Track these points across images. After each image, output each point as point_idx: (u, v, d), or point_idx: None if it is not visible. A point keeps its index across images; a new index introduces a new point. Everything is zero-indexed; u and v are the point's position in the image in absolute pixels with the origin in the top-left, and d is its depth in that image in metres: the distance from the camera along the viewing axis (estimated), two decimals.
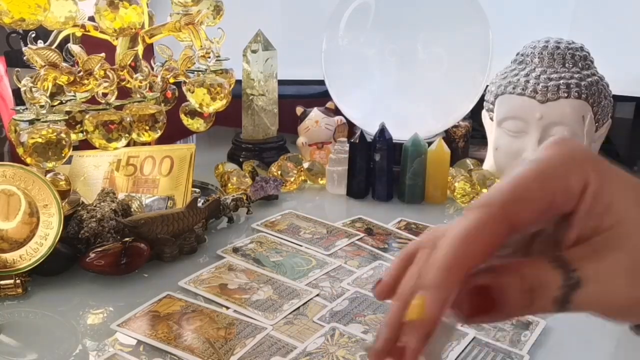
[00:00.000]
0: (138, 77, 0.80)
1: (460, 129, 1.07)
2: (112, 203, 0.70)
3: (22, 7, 0.64)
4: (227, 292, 0.63)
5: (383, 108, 0.95)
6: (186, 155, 0.79)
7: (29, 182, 0.63)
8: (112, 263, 0.65)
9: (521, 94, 0.87)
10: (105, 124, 0.75)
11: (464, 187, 0.90)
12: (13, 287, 0.62)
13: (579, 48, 0.88)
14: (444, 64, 0.92)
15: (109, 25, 0.73)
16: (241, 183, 0.92)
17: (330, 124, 1.04)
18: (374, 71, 0.95)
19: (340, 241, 0.76)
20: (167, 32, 0.83)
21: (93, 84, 0.75)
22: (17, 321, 0.58)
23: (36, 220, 0.64)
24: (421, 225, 0.82)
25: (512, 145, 0.89)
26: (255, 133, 1.07)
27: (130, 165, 0.80)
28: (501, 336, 0.55)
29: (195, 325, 0.56)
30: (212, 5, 0.87)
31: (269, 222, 0.82)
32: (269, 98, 1.07)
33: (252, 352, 0.53)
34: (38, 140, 0.65)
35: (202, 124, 0.90)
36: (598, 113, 0.87)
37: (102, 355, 0.52)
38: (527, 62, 0.90)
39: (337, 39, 0.97)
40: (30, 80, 0.69)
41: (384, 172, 0.91)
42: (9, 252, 0.63)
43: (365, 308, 0.60)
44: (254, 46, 1.04)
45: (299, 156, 1.00)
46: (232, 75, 0.87)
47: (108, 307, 0.61)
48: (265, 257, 0.71)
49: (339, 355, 0.52)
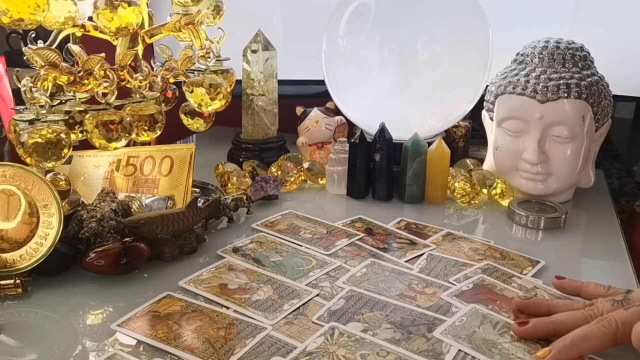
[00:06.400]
0: (138, 77, 0.80)
1: (460, 129, 1.07)
2: (112, 203, 0.70)
3: (21, 7, 0.64)
4: (227, 292, 0.63)
5: (383, 108, 0.95)
6: (186, 155, 0.79)
7: (29, 182, 0.63)
8: (112, 263, 0.65)
9: (521, 94, 0.87)
10: (105, 124, 0.75)
11: (464, 187, 0.90)
12: (13, 287, 0.62)
13: (579, 48, 0.88)
14: (444, 63, 0.92)
15: (107, 25, 0.73)
16: (241, 183, 0.92)
17: (330, 124, 1.04)
18: (374, 71, 0.95)
19: (340, 241, 0.76)
20: (167, 32, 0.83)
21: (93, 84, 0.75)
22: (17, 321, 0.58)
23: (36, 220, 0.64)
24: (421, 225, 0.82)
25: (512, 145, 0.89)
26: (255, 133, 1.07)
27: (130, 165, 0.80)
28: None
29: (195, 325, 0.56)
30: (212, 5, 0.87)
31: (269, 222, 0.82)
32: (269, 98, 1.07)
33: (252, 352, 0.53)
34: (38, 140, 0.65)
35: (202, 124, 0.90)
36: (598, 113, 0.87)
37: (102, 355, 0.52)
38: (527, 62, 0.90)
39: (337, 39, 0.97)
40: (30, 80, 0.69)
41: (384, 172, 0.91)
42: (9, 252, 0.63)
43: (362, 306, 0.60)
44: (254, 46, 1.04)
45: (299, 156, 1.00)
46: (232, 75, 0.88)
47: (108, 307, 0.61)
48: (265, 257, 0.71)
49: (339, 355, 0.52)
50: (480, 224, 0.86)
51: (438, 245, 0.76)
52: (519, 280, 0.67)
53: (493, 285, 0.66)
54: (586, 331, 0.53)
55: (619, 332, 0.52)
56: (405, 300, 0.62)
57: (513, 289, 0.65)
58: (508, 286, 0.66)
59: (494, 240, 0.78)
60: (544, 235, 0.82)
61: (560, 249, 0.78)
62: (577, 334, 0.53)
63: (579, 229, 0.84)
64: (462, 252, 0.74)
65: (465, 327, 0.57)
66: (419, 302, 0.62)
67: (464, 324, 0.58)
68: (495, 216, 0.88)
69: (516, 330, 0.56)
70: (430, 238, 0.78)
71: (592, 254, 0.78)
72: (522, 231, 0.83)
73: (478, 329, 0.57)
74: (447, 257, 0.72)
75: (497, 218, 0.87)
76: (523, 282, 0.67)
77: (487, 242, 0.77)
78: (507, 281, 0.67)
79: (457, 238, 0.78)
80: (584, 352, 0.52)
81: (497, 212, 0.89)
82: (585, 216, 0.89)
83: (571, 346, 0.52)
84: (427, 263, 0.71)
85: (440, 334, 0.55)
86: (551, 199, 0.89)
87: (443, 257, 0.72)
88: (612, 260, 0.75)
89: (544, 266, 0.71)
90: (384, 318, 0.58)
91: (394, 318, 0.58)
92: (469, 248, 0.75)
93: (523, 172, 0.88)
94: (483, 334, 0.56)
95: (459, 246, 0.76)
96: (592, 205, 0.92)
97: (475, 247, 0.75)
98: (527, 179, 0.89)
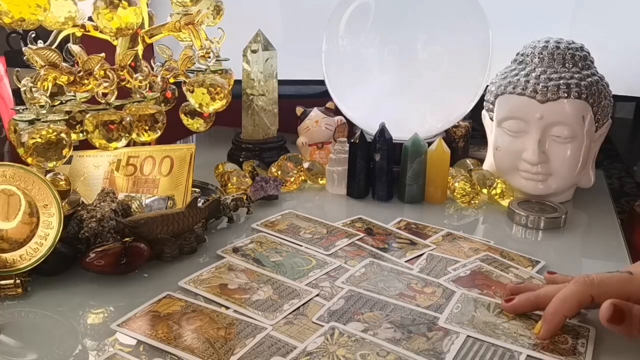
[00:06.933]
0: (138, 77, 0.80)
1: (460, 129, 1.07)
2: (112, 203, 0.70)
3: (22, 7, 0.64)
4: (227, 292, 0.63)
5: (383, 108, 0.95)
6: (186, 155, 0.79)
7: (29, 182, 0.63)
8: (112, 263, 0.65)
9: (521, 94, 0.87)
10: (105, 124, 0.75)
11: (464, 187, 0.90)
12: (13, 287, 0.62)
13: (579, 48, 0.88)
14: (444, 64, 0.92)
15: (107, 25, 0.73)
16: (241, 183, 0.92)
17: (330, 124, 1.04)
18: (374, 71, 0.95)
19: (340, 241, 0.76)
20: (167, 32, 0.83)
21: (93, 84, 0.75)
22: (17, 321, 0.58)
23: (36, 220, 0.64)
24: (421, 225, 0.82)
25: (512, 145, 0.89)
26: (255, 133, 1.07)
27: (130, 165, 0.80)
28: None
29: (195, 325, 0.56)
30: (212, 5, 0.87)
31: (269, 222, 0.82)
32: (269, 98, 1.07)
33: (252, 352, 0.53)
34: (38, 140, 0.65)
35: (202, 124, 0.90)
36: (598, 113, 0.87)
37: (102, 355, 0.52)
38: (527, 62, 0.90)
39: (337, 39, 0.97)
40: (30, 80, 0.69)
41: (384, 172, 0.91)
42: (9, 252, 0.63)
43: (362, 306, 0.60)
44: (254, 46, 1.04)
45: (299, 156, 1.00)
46: (231, 76, 0.87)
47: (108, 307, 0.61)
48: (265, 257, 0.71)
49: (339, 355, 0.52)
50: (480, 224, 0.86)
51: (438, 245, 0.76)
52: (515, 270, 0.69)
53: (489, 272, 0.68)
54: (565, 292, 0.55)
55: (595, 289, 0.54)
56: (404, 299, 0.62)
57: (509, 277, 0.67)
58: (505, 274, 0.68)
59: (494, 240, 0.78)
60: (544, 235, 0.82)
61: (560, 249, 0.78)
62: (557, 298, 0.55)
63: (579, 229, 0.84)
64: (462, 252, 0.74)
65: (463, 313, 0.59)
66: (419, 301, 0.62)
67: (460, 310, 0.59)
68: (495, 216, 0.88)
69: (504, 306, 0.60)
70: (430, 238, 0.78)
71: (592, 254, 0.78)
72: (522, 231, 0.83)
73: (475, 313, 0.59)
74: (447, 257, 0.72)
75: (497, 218, 0.87)
76: (520, 272, 0.69)
77: (487, 242, 0.77)
78: (505, 270, 0.69)
79: (457, 238, 0.78)
80: (568, 313, 0.55)
81: (497, 212, 0.89)
82: (585, 216, 0.89)
83: (555, 312, 0.55)
84: (427, 263, 0.71)
85: (444, 323, 0.57)
86: (551, 199, 0.89)
87: (443, 257, 0.72)
88: (612, 260, 0.75)
89: (544, 266, 0.71)
90: (384, 318, 0.58)
91: (394, 318, 0.58)
92: (469, 248, 0.75)
93: (523, 172, 0.88)
94: (482, 317, 0.58)
95: (459, 246, 0.76)
96: (592, 205, 0.92)
97: (475, 247, 0.75)
98: (527, 179, 0.89)
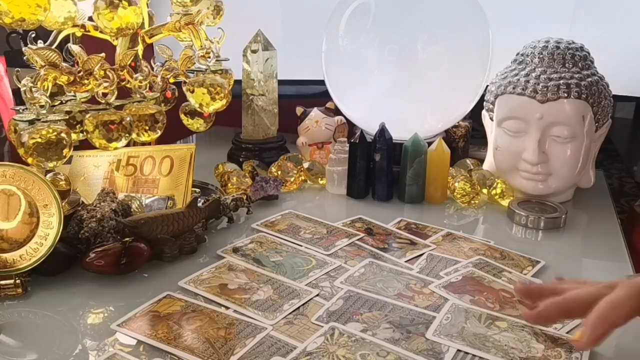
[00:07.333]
0: (138, 77, 0.80)
1: (460, 129, 1.07)
2: (112, 203, 0.70)
3: (22, 7, 0.64)
4: (227, 292, 0.63)
5: (383, 108, 0.95)
6: (186, 155, 0.79)
7: (29, 182, 0.63)
8: (112, 263, 0.65)
9: (521, 94, 0.87)
10: (105, 124, 0.75)
11: (464, 187, 0.90)
12: (13, 287, 0.62)
13: (579, 48, 0.88)
14: (444, 64, 0.92)
15: (107, 25, 0.73)
16: (241, 183, 0.92)
17: (330, 124, 1.04)
18: (374, 71, 0.95)
19: (340, 241, 0.76)
20: (167, 32, 0.83)
21: (93, 84, 0.76)
22: (17, 321, 0.58)
23: (36, 220, 0.64)
24: (421, 225, 0.82)
25: (512, 145, 0.89)
26: (255, 133, 1.07)
27: (130, 165, 0.80)
28: None
29: (195, 325, 0.56)
30: (212, 5, 0.87)
31: (269, 222, 0.82)
32: (269, 98, 1.07)
33: (252, 352, 0.53)
34: (38, 140, 0.65)
35: (202, 124, 0.90)
36: (598, 113, 0.87)
37: (102, 355, 0.52)
38: (527, 62, 0.90)
39: (337, 39, 0.97)
40: (30, 80, 0.69)
41: (384, 172, 0.91)
42: (9, 252, 0.63)
43: (361, 306, 0.60)
44: (254, 46, 1.04)
45: (299, 156, 1.00)
46: (231, 76, 0.87)
47: (108, 307, 0.61)
48: (265, 257, 0.71)
49: (339, 355, 0.52)
50: (480, 224, 0.86)
51: (438, 245, 0.76)
52: (509, 275, 0.68)
53: (482, 278, 0.67)
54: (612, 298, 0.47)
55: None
56: (403, 300, 0.62)
57: (501, 282, 0.66)
58: (497, 279, 0.67)
59: (494, 240, 0.78)
60: (544, 235, 0.82)
61: (560, 249, 0.78)
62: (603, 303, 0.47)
63: (579, 229, 0.84)
64: (462, 252, 0.74)
65: (453, 324, 0.57)
66: (417, 301, 0.62)
67: (450, 321, 0.58)
68: (495, 216, 0.88)
69: (527, 316, 0.52)
70: (430, 238, 0.78)
71: (592, 254, 0.78)
72: (522, 231, 0.83)
73: (465, 325, 0.57)
74: (447, 257, 0.72)
75: (497, 218, 0.87)
76: (513, 276, 0.68)
77: (487, 242, 0.77)
78: (497, 275, 0.68)
79: (457, 238, 0.78)
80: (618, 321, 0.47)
81: (497, 212, 0.89)
82: (585, 216, 0.89)
83: (603, 318, 0.47)
84: (427, 263, 0.71)
85: (432, 335, 0.55)
86: (551, 199, 0.89)
87: (443, 257, 0.72)
88: (612, 260, 0.75)
89: (544, 266, 0.71)
90: (383, 318, 0.58)
91: (392, 318, 0.58)
92: (469, 248, 0.75)
93: (523, 172, 0.88)
94: (472, 328, 0.57)
95: (459, 246, 0.76)
96: (592, 205, 0.92)
97: (475, 247, 0.75)
98: (527, 179, 0.89)
